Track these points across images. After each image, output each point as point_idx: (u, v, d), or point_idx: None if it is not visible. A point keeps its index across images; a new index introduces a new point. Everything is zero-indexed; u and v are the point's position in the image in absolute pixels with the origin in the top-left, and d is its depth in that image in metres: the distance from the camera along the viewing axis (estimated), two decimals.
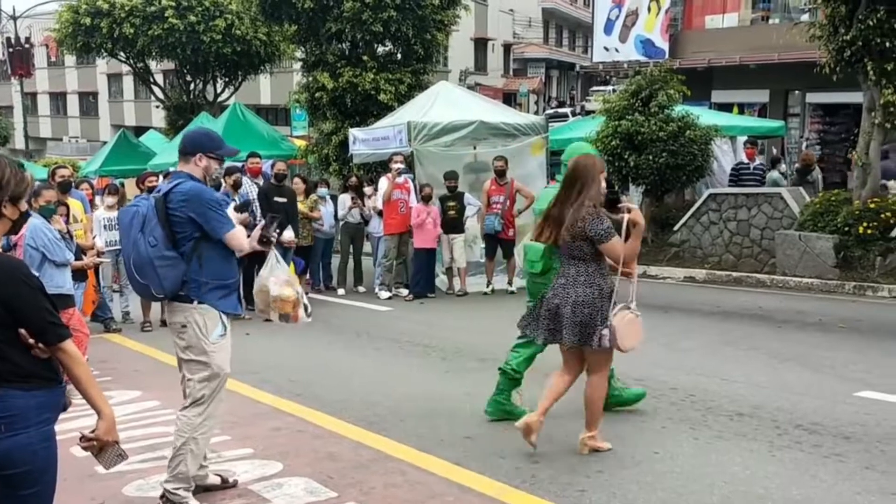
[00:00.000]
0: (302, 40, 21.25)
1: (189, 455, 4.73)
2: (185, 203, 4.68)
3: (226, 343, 4.86)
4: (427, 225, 12.76)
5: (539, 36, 58.11)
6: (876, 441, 5.65)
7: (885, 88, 12.23)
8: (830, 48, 12.66)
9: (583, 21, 52.96)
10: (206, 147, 4.88)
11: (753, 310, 11.02)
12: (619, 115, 15.41)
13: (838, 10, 12.45)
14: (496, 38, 52.35)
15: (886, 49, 12.04)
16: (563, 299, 5.49)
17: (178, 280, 4.72)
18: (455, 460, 5.52)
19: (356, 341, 9.92)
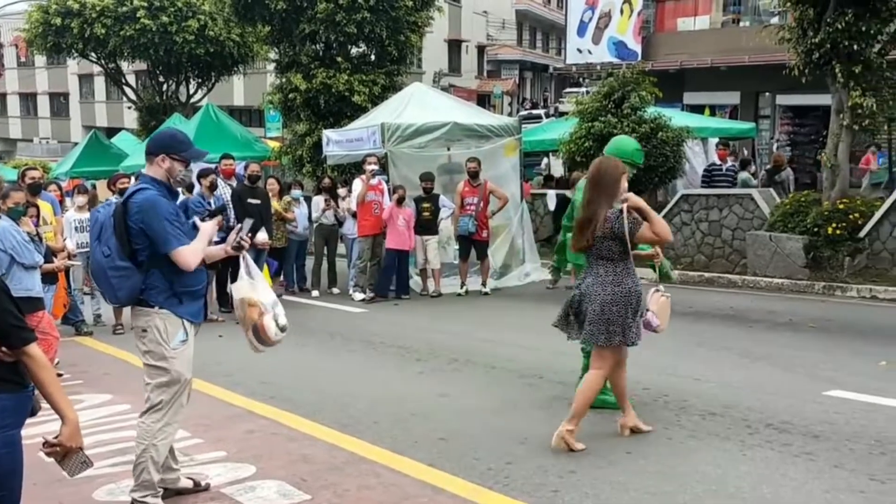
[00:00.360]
0: (275, 41, 21.19)
1: (150, 462, 4.66)
2: (139, 214, 4.59)
3: (187, 350, 4.77)
4: (399, 226, 12.72)
5: (513, 37, 58.24)
6: (845, 439, 5.71)
7: (852, 91, 12.36)
8: (799, 51, 12.78)
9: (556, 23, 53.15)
10: (170, 148, 4.78)
11: (725, 310, 11.11)
12: (592, 117, 15.49)
13: (807, 13, 12.58)
14: (470, 39, 52.42)
15: (854, 52, 12.17)
16: (591, 297, 5.65)
17: (132, 290, 4.64)
18: (429, 462, 5.52)
19: (330, 343, 9.90)
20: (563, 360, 8.31)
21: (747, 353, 8.46)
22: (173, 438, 4.88)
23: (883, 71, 12.55)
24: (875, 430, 5.89)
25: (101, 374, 8.52)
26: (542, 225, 17.30)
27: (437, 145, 14.19)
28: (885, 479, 4.99)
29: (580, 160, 15.50)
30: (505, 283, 14.02)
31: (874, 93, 12.44)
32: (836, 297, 11.86)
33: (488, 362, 8.40)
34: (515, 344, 9.29)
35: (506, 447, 5.74)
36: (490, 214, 13.43)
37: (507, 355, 8.68)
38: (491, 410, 6.68)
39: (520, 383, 7.56)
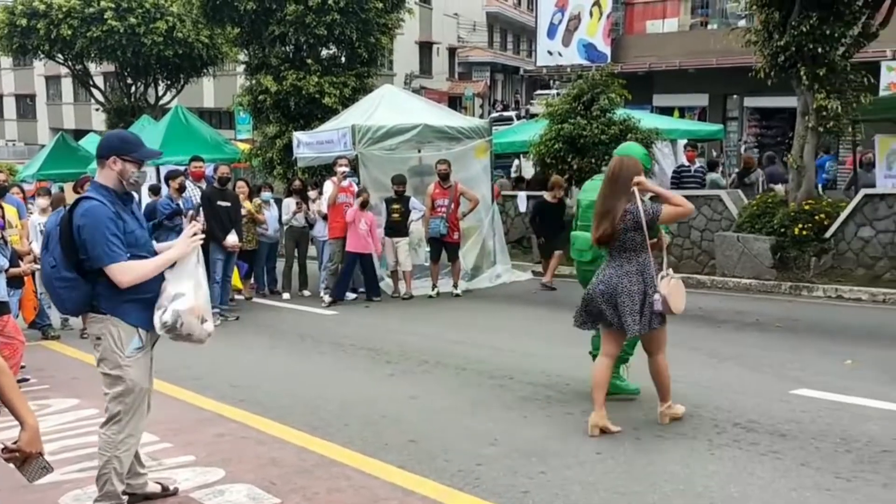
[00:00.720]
0: (245, 43, 21.08)
1: (113, 473, 4.58)
2: (81, 226, 4.44)
3: (144, 358, 4.65)
4: (360, 230, 12.65)
5: (484, 40, 58.36)
6: (811, 438, 5.78)
7: (817, 93, 12.50)
8: (765, 53, 12.90)
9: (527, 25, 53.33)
10: (120, 150, 4.63)
11: (694, 310, 11.14)
12: (562, 119, 15.54)
13: (772, 16, 12.70)
14: (441, 41, 52.48)
15: (818, 54, 12.31)
16: (614, 289, 5.95)
17: (79, 301, 4.54)
18: (399, 464, 5.52)
19: (300, 345, 9.87)
20: (533, 362, 8.36)
21: (715, 353, 8.53)
22: (136, 447, 4.78)
23: (847, 73, 12.70)
24: (840, 428, 5.96)
25: (68, 378, 8.44)
26: (513, 226, 17.35)
27: (408, 147, 14.20)
28: (850, 476, 5.05)
29: (550, 162, 15.56)
30: (476, 285, 14.04)
31: (838, 95, 12.58)
32: (803, 297, 11.98)
33: (459, 364, 8.41)
34: (486, 345, 9.31)
35: (476, 448, 5.75)
36: (461, 216, 13.45)
37: (478, 357, 8.70)
38: (461, 412, 6.69)
39: (490, 384, 7.57)
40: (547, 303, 12.37)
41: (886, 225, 11.94)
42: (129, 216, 4.64)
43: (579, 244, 6.83)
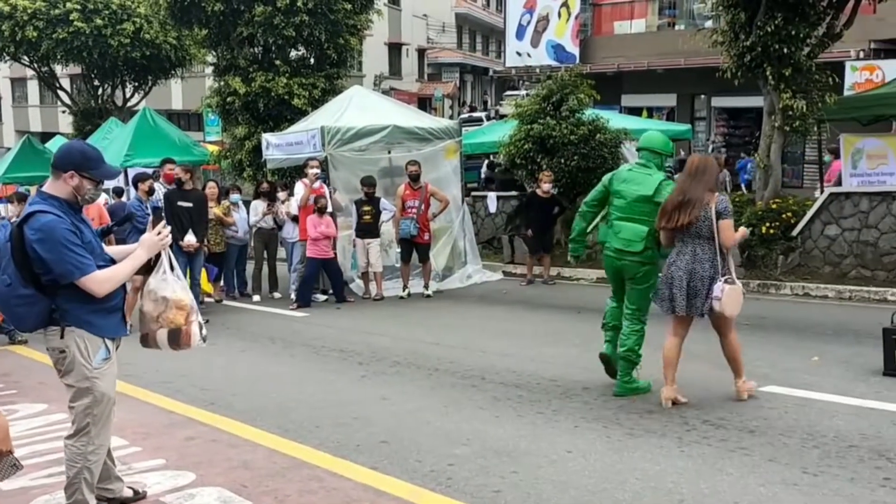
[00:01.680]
0: (213, 44, 20.95)
1: (84, 483, 4.51)
2: (38, 242, 4.25)
3: (111, 367, 4.55)
4: (320, 234, 12.57)
5: (453, 41, 58.39)
6: (779, 434, 5.84)
7: (783, 93, 12.64)
8: (732, 54, 13.03)
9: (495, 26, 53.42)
10: (81, 166, 4.44)
11: None
12: (531, 119, 15.60)
13: (738, 16, 12.83)
14: (410, 42, 52.46)
15: (784, 55, 12.45)
16: (690, 274, 6.54)
17: (39, 317, 4.38)
18: (371, 465, 5.52)
19: (271, 348, 9.83)
20: (505, 362, 8.38)
21: (685, 351, 8.51)
22: (104, 455, 4.70)
23: (812, 73, 12.86)
24: (807, 423, 6.04)
25: (35, 383, 8.34)
26: (483, 227, 17.38)
27: (378, 148, 14.19)
28: (817, 471, 5.11)
29: (520, 162, 15.61)
30: (447, 286, 14.06)
31: (804, 95, 12.75)
32: (771, 294, 12.10)
33: (431, 365, 8.42)
34: (458, 346, 9.32)
35: (448, 449, 5.76)
36: (431, 217, 13.46)
37: (450, 357, 8.71)
38: (433, 412, 6.70)
39: (462, 385, 7.58)
40: (518, 303, 12.41)
41: (852, 223, 12.10)
42: (83, 225, 4.50)
43: (629, 234, 7.00)
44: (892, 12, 17.37)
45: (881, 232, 11.94)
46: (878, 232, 11.97)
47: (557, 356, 8.60)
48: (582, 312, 11.27)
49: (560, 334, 9.79)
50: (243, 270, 14.16)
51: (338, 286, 13.02)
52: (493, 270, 15.18)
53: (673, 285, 6.62)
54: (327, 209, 12.74)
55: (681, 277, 6.55)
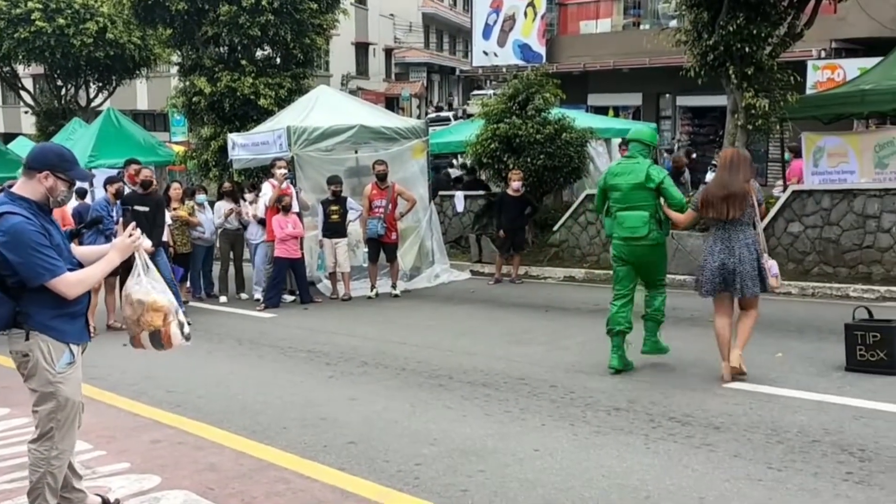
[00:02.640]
0: (177, 44, 20.79)
1: (47, 489, 4.44)
2: (5, 245, 4.18)
3: (75, 372, 4.47)
4: (286, 234, 12.54)
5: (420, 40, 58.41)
6: (743, 430, 5.90)
7: (745, 92, 12.77)
8: (695, 53, 13.14)
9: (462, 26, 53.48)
10: (56, 167, 4.40)
11: None
12: (498, 119, 15.64)
13: (701, 16, 12.94)
14: (377, 42, 52.40)
15: (746, 54, 12.57)
16: (739, 258, 7.09)
17: (5, 318, 4.30)
18: (339, 466, 5.51)
19: (238, 349, 9.78)
20: (473, 361, 8.40)
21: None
22: (68, 460, 4.62)
23: (774, 72, 13.00)
24: (771, 419, 6.11)
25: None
26: (450, 227, 17.39)
27: (345, 148, 14.17)
28: (780, 466, 5.17)
29: (487, 161, 15.63)
30: (415, 285, 14.05)
31: (766, 94, 12.88)
32: None
33: (398, 364, 8.42)
34: (426, 345, 9.33)
35: (415, 448, 5.76)
36: (398, 217, 13.45)
37: (418, 357, 8.71)
38: (401, 412, 6.70)
39: (430, 384, 7.59)
40: (485, 302, 12.43)
41: (814, 220, 12.24)
42: (53, 227, 4.44)
43: (634, 221, 7.61)
44: (852, 12, 17.66)
45: (843, 229, 12.09)
46: (839, 229, 12.12)
47: (525, 355, 8.63)
48: (549, 311, 11.33)
49: (528, 333, 9.82)
50: (210, 271, 14.05)
51: (303, 287, 12.97)
52: (461, 270, 15.20)
53: (707, 269, 7.25)
54: (292, 208, 12.69)
55: (733, 263, 7.10)
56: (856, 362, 7.33)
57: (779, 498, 4.72)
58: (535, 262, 15.20)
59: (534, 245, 15.73)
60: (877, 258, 11.77)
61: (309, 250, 13.51)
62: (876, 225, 11.78)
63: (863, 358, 7.29)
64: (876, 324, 7.40)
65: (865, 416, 6.08)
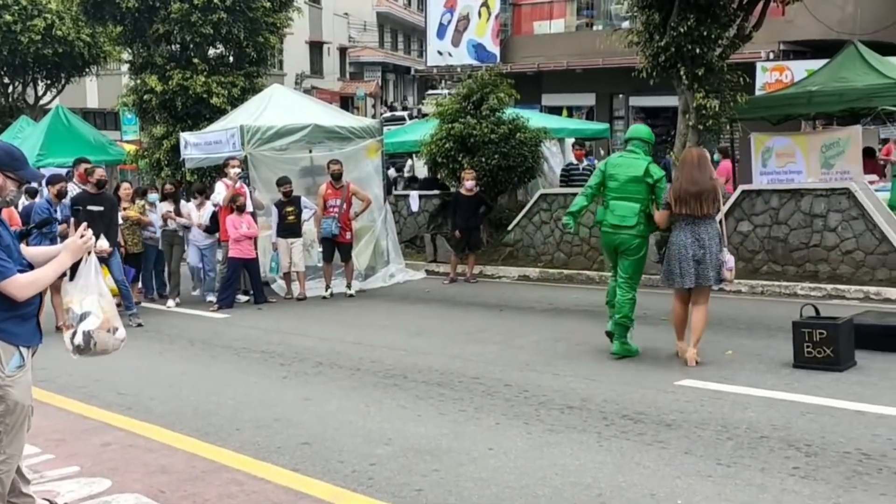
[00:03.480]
0: (128, 41, 20.56)
1: None
2: None
3: (25, 375, 4.36)
4: (241, 234, 12.44)
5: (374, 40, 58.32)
6: (694, 427, 5.98)
7: (696, 92, 12.93)
8: (647, 54, 13.26)
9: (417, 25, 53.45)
10: (7, 166, 4.33)
11: (584, 306, 11.44)
12: (452, 118, 15.66)
13: (653, 17, 13.06)
14: (331, 41, 52.20)
15: (697, 55, 12.72)
16: (707, 249, 7.63)
17: None
18: (293, 467, 5.49)
19: (191, 350, 9.70)
20: (428, 360, 8.41)
21: (604, 347, 8.70)
22: (16, 465, 4.50)
23: (724, 73, 13.17)
24: (721, 416, 6.20)
25: None
26: (405, 226, 17.38)
27: (299, 147, 14.10)
28: (730, 462, 5.25)
29: (441, 161, 15.65)
30: (370, 285, 14.03)
31: (717, 94, 13.04)
32: None
33: (353, 364, 8.40)
34: (380, 345, 9.32)
35: (370, 448, 5.76)
36: (353, 216, 13.43)
37: (373, 357, 8.70)
38: (355, 412, 6.69)
39: (385, 384, 7.59)
40: (440, 301, 12.46)
41: (763, 220, 12.43)
42: (1, 227, 4.34)
43: (624, 211, 8.09)
44: (800, 15, 17.94)
45: (791, 228, 12.29)
46: (787, 228, 12.32)
47: (479, 354, 8.66)
48: (504, 310, 11.38)
49: (482, 332, 9.86)
50: (162, 271, 13.86)
51: (258, 287, 12.88)
52: (416, 269, 15.21)
53: (682, 261, 7.70)
54: (246, 208, 12.61)
55: (695, 254, 7.64)
56: (803, 359, 7.46)
57: (727, 493, 4.79)
58: (490, 261, 15.25)
59: (488, 244, 15.78)
60: (823, 256, 11.99)
61: (263, 250, 13.41)
62: (822, 224, 12.00)
63: (810, 355, 7.42)
64: (822, 321, 7.54)
65: (812, 412, 6.19)
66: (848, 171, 13.59)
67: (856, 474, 4.97)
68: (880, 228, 11.50)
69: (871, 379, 7.06)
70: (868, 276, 11.55)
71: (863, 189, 11.96)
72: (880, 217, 11.60)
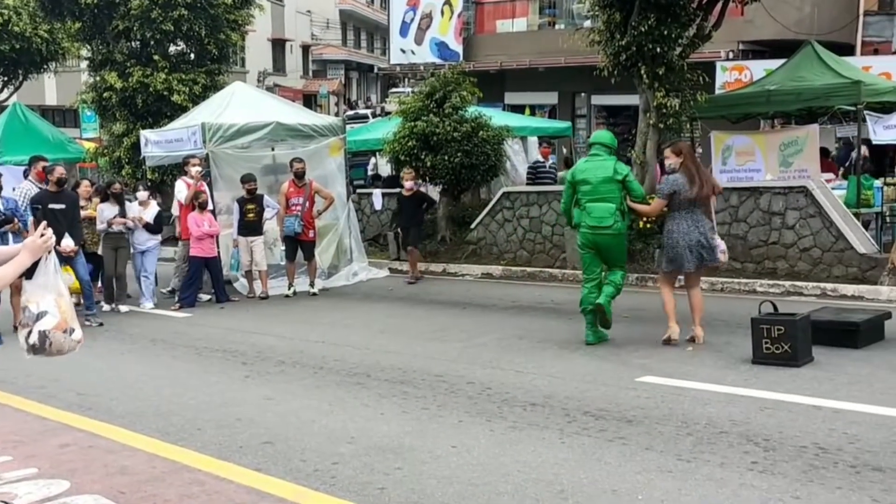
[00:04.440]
0: (87, 38, 20.32)
1: None
2: None
3: None
4: (203, 232, 12.35)
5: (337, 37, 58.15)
6: (655, 423, 6.04)
7: (657, 91, 13.03)
8: (608, 53, 13.34)
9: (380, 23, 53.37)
10: None
11: (546, 303, 11.50)
12: (415, 117, 15.65)
13: (614, 16, 13.15)
14: (294, 39, 51.96)
15: (657, 54, 12.82)
16: (704, 234, 8.38)
17: None
18: (255, 466, 5.46)
19: (151, 349, 9.61)
20: (391, 359, 8.41)
21: (567, 344, 8.80)
22: None
23: (684, 72, 13.29)
24: (682, 412, 6.26)
25: None
26: (369, 224, 17.36)
27: (261, 145, 14.03)
28: (690, 458, 5.31)
29: (404, 159, 15.64)
30: (333, 284, 13.99)
31: (677, 93, 13.17)
32: (649, 287, 12.44)
33: (316, 363, 8.38)
34: (343, 344, 9.30)
35: (333, 447, 5.75)
36: (316, 214, 13.38)
37: (335, 355, 8.68)
38: (318, 411, 6.67)
39: (348, 383, 7.58)
40: (403, 299, 12.46)
41: (723, 217, 12.54)
42: None
43: (602, 212, 8.56)
44: (758, 15, 18.17)
45: (750, 226, 12.45)
46: (747, 226, 12.47)
47: (443, 352, 8.68)
48: (467, 308, 11.41)
49: (445, 330, 9.87)
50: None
51: (219, 286, 12.78)
52: (379, 268, 15.18)
53: (686, 247, 8.37)
54: (208, 205, 12.51)
55: (696, 239, 8.35)
56: (762, 355, 7.56)
57: (687, 488, 4.85)
58: (453, 259, 15.28)
59: (451, 242, 15.81)
60: (782, 254, 12.16)
61: (225, 248, 13.31)
62: (781, 222, 12.17)
63: (768, 351, 7.52)
64: (780, 318, 7.64)
65: (770, 408, 6.28)
66: (806, 169, 13.80)
67: (812, 468, 5.05)
68: (837, 226, 11.69)
69: (828, 374, 7.18)
70: (825, 272, 11.73)
71: (820, 187, 12.14)
72: (837, 215, 11.78)
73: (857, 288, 11.12)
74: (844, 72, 13.92)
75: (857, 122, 13.84)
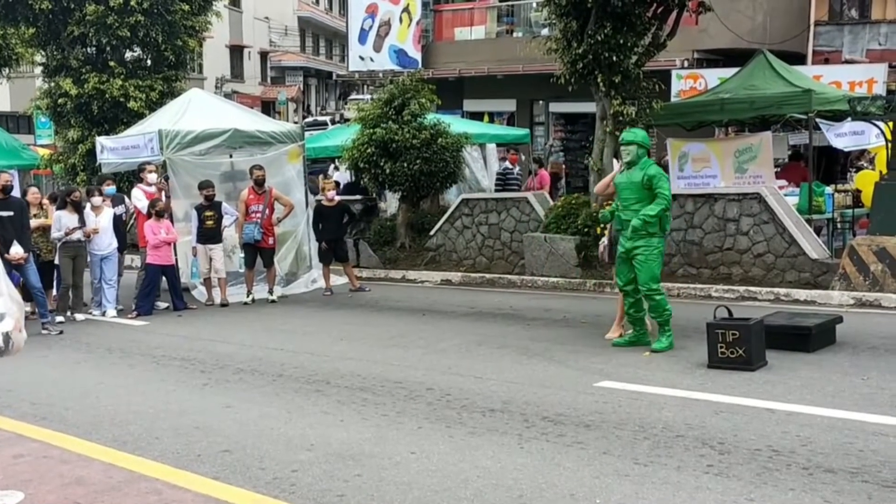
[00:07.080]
0: (42, 44, 20.04)
1: None
2: None
3: None
4: (160, 240, 12.25)
5: (296, 44, 57.90)
6: (613, 427, 6.10)
7: (613, 99, 13.18)
8: (565, 61, 13.45)
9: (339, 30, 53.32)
10: None
11: (505, 309, 11.56)
12: (374, 124, 15.65)
13: (570, 25, 13.26)
14: (252, 45, 51.67)
15: (614, 62, 12.96)
16: None
17: None
18: (213, 475, 5.43)
19: (108, 358, 9.50)
20: (350, 365, 8.41)
21: (525, 349, 8.84)
22: None
23: (640, 80, 13.45)
24: (639, 416, 6.33)
25: None
26: None
27: (219, 152, 13.96)
28: (646, 462, 5.37)
29: (363, 166, 15.64)
30: (292, 290, 13.95)
31: (633, 101, 13.33)
32: (606, 293, 12.56)
33: (275, 371, 8.35)
34: (303, 351, 9.28)
35: (292, 455, 5.74)
36: (276, 222, 13.33)
37: (294, 363, 8.66)
38: (277, 419, 6.65)
39: (307, 390, 7.56)
40: (362, 306, 12.44)
41: (678, 223, 12.71)
42: None
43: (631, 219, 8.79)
44: (713, 24, 18.46)
45: (705, 232, 12.61)
46: (702, 232, 12.64)
47: (402, 358, 8.69)
48: (426, 315, 11.43)
49: (405, 337, 9.88)
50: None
51: (177, 293, 12.68)
52: (338, 275, 15.14)
53: None
54: (165, 213, 12.42)
55: None
56: (717, 359, 7.67)
57: (644, 492, 4.90)
58: (413, 265, 15.30)
59: (411, 249, 15.83)
60: (736, 259, 12.33)
61: (183, 256, 13.21)
62: (735, 228, 12.34)
63: (723, 355, 7.63)
64: (735, 322, 7.75)
65: (725, 411, 6.37)
66: (760, 174, 14.02)
67: (766, 470, 5.14)
68: (790, 232, 11.88)
69: (781, 378, 7.29)
70: (778, 278, 11.92)
71: (773, 194, 12.34)
72: (790, 221, 11.98)
73: (809, 293, 11.32)
74: (796, 81, 14.18)
75: (809, 130, 14.10)
